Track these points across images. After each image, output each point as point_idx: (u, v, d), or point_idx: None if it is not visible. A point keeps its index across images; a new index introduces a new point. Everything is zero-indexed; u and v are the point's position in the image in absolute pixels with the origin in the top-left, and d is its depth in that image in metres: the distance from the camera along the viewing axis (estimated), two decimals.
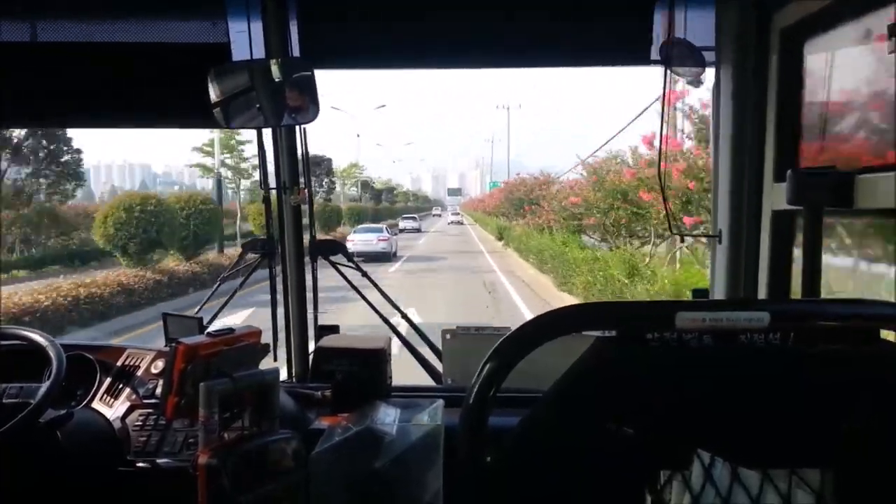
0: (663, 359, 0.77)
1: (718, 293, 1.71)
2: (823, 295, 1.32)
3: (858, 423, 0.74)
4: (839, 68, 1.43)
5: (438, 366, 1.88)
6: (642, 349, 0.76)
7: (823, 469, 0.75)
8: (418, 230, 42.44)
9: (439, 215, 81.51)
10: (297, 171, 1.94)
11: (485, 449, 0.76)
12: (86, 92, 1.86)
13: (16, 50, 1.82)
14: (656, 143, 9.13)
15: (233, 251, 17.99)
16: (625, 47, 1.79)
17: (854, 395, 0.76)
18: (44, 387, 1.46)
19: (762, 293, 1.60)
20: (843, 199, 1.28)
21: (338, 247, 2.14)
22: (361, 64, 1.97)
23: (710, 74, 1.71)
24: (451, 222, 57.35)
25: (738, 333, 0.76)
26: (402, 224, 42.87)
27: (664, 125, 1.87)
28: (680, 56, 1.64)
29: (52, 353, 1.53)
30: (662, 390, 0.77)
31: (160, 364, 1.69)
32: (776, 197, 1.53)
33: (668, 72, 1.65)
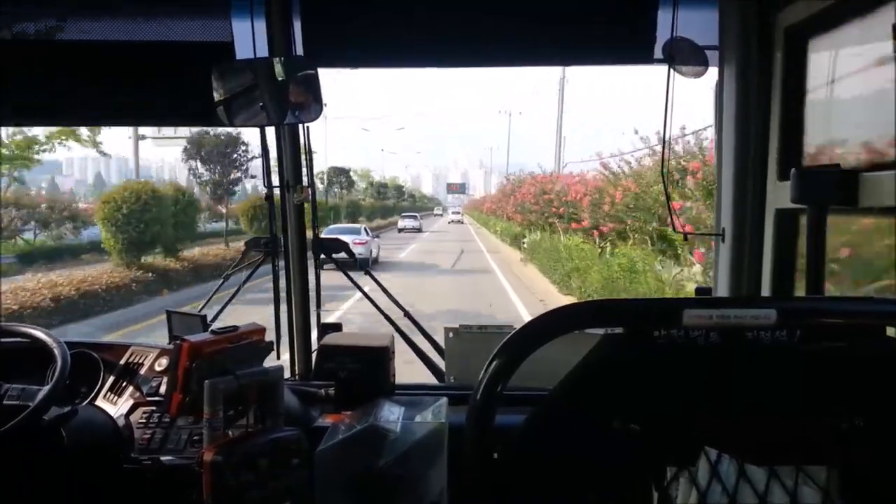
0: (670, 356, 0.77)
1: (721, 291, 1.71)
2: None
3: (864, 420, 0.74)
4: (843, 67, 1.43)
5: (441, 364, 1.89)
6: (649, 346, 0.76)
7: (829, 466, 0.75)
8: (419, 230, 39.91)
9: (441, 215, 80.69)
10: (300, 170, 1.94)
11: (491, 445, 0.76)
12: (89, 90, 1.87)
13: (18, 48, 1.82)
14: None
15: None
16: (628, 46, 1.78)
17: (860, 391, 0.76)
18: (45, 389, 1.46)
19: (765, 291, 1.60)
20: (848, 198, 1.28)
21: (340, 245, 2.14)
22: (364, 63, 1.96)
23: (713, 73, 1.71)
24: (452, 221, 57.17)
25: (745, 331, 0.76)
26: (401, 223, 40.84)
27: (668, 124, 1.87)
28: (683, 54, 1.64)
29: (56, 352, 1.53)
30: (669, 387, 0.77)
31: (164, 361, 1.69)
32: (780, 195, 1.53)
33: (672, 71, 1.65)
